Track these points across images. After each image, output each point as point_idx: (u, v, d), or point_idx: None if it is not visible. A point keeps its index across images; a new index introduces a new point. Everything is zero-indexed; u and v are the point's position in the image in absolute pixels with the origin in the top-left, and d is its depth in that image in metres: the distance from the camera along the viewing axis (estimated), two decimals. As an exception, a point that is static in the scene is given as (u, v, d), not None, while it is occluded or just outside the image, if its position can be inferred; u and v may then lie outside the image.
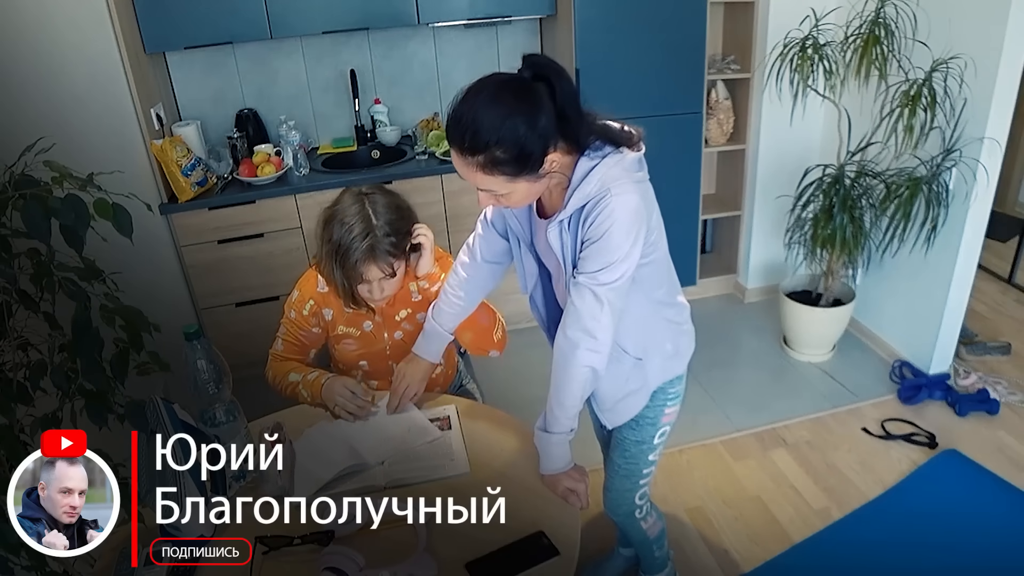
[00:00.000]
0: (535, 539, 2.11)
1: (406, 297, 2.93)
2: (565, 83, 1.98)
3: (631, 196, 2.07)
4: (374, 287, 2.68)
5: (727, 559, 3.61)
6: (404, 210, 2.70)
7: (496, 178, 2.02)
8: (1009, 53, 3.80)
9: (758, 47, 5.00)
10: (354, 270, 2.60)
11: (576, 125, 2.03)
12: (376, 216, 2.58)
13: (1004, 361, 4.93)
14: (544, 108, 1.95)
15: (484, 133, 1.93)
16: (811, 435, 4.40)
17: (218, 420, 2.31)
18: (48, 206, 1.75)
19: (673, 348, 2.52)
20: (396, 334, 2.97)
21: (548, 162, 2.02)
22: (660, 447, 2.72)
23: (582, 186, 2.07)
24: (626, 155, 2.11)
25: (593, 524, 3.75)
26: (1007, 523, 3.65)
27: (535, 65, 1.98)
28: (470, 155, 1.98)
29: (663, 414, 2.62)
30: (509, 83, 1.98)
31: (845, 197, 4.41)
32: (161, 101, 4.79)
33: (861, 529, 3.72)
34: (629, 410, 2.55)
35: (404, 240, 2.65)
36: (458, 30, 5.31)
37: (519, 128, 1.93)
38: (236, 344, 4.92)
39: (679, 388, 2.63)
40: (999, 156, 4.06)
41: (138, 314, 1.92)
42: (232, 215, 4.73)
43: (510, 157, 1.96)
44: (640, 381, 2.49)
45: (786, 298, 5.00)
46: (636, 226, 2.09)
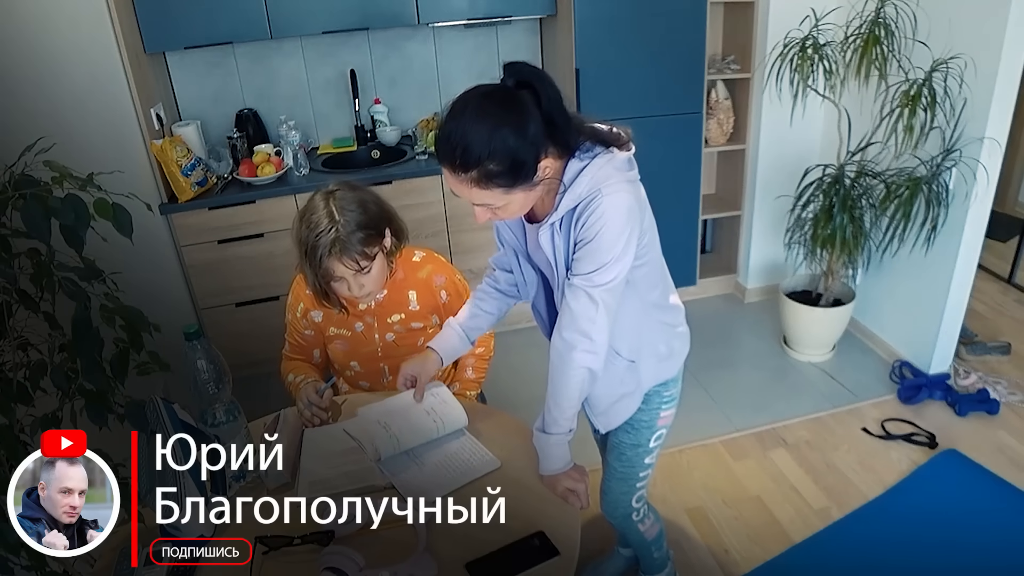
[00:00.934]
0: (535, 539, 2.11)
1: (403, 302, 2.94)
2: (549, 88, 1.96)
3: (623, 196, 2.05)
4: (351, 283, 2.67)
5: (727, 559, 3.61)
6: (371, 204, 2.67)
7: (492, 192, 1.99)
8: (1009, 53, 3.80)
9: (758, 47, 5.00)
10: (321, 267, 2.60)
11: (564, 129, 2.02)
12: (340, 212, 2.57)
13: (1004, 361, 4.93)
14: (531, 116, 1.94)
15: (475, 148, 1.90)
16: (811, 435, 4.40)
17: (218, 420, 2.31)
18: (48, 206, 1.75)
19: (667, 350, 2.52)
20: (388, 336, 2.97)
21: (542, 169, 2.00)
22: (656, 451, 2.72)
23: (573, 187, 2.05)
24: (616, 155, 2.09)
25: (593, 524, 3.74)
26: (1007, 523, 3.66)
27: (518, 73, 1.96)
28: (463, 172, 1.95)
29: (658, 418, 2.62)
30: (493, 94, 1.95)
31: (845, 197, 4.41)
32: (161, 101, 4.80)
33: (861, 529, 3.72)
34: (623, 413, 2.55)
35: (372, 235, 2.63)
36: (458, 30, 5.31)
37: (509, 139, 1.90)
38: (236, 344, 4.95)
39: (674, 391, 2.63)
40: (999, 156, 4.06)
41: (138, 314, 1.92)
42: (232, 215, 4.74)
43: (504, 169, 1.93)
44: (634, 383, 2.48)
45: (786, 298, 4.99)
46: (629, 226, 2.07)
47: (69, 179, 1.82)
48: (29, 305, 1.89)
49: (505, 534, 2.13)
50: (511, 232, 2.38)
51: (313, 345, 3.06)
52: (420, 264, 2.94)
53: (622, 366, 2.41)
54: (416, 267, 2.94)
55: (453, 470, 2.41)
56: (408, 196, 4.77)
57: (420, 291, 2.94)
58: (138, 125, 4.42)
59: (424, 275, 2.94)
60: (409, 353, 2.90)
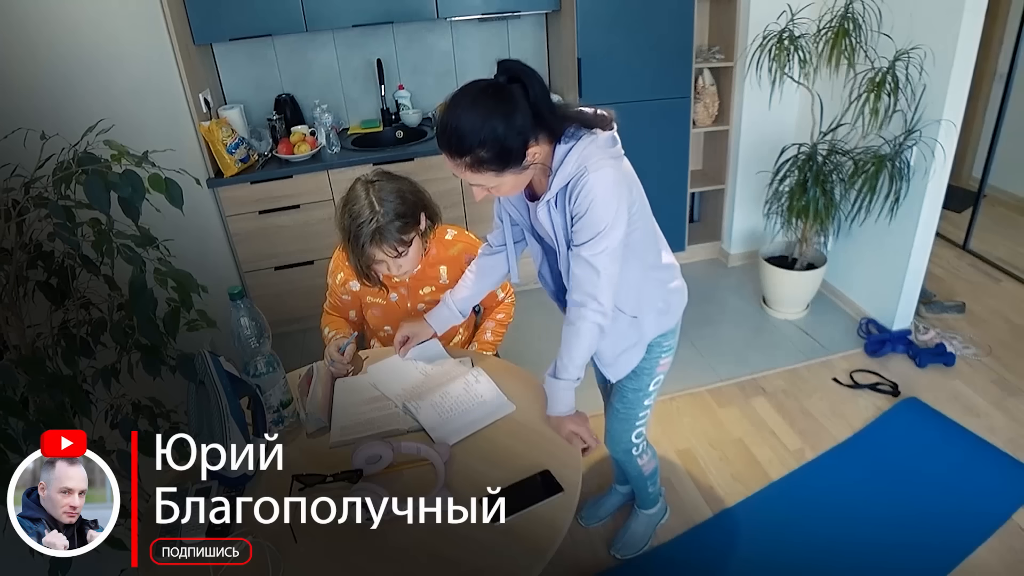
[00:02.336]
0: (541, 477, 2.11)
1: (435, 276, 2.94)
2: (536, 83, 2.00)
3: (607, 171, 2.08)
4: (390, 265, 2.68)
5: (713, 495, 3.61)
6: (408, 194, 2.66)
7: (484, 175, 2.05)
8: (963, 43, 3.78)
9: (740, 39, 4.96)
10: (364, 252, 2.61)
11: (551, 118, 2.05)
12: (380, 203, 2.56)
13: (959, 319, 4.91)
14: (520, 107, 1.98)
15: (467, 137, 1.96)
16: (787, 384, 4.39)
17: (259, 371, 2.31)
18: (108, 180, 1.74)
19: (665, 305, 2.54)
20: (419, 306, 2.97)
21: (531, 155, 2.05)
22: (655, 394, 2.77)
23: (562, 168, 2.10)
24: (599, 135, 2.12)
25: (594, 466, 3.76)
26: (961, 463, 3.66)
27: (509, 70, 2.00)
28: (458, 157, 2.01)
29: (658, 364, 2.67)
30: (487, 89, 1.99)
31: (818, 172, 4.39)
32: (208, 87, 4.79)
33: (832, 468, 3.72)
34: (629, 363, 2.59)
35: (409, 223, 2.63)
36: (473, 23, 5.29)
37: (498, 128, 1.96)
38: (275, 303, 4.97)
39: (672, 342, 2.66)
40: (955, 136, 4.04)
41: (188, 277, 1.91)
42: (271, 188, 4.73)
43: (493, 155, 1.99)
44: (636, 336, 2.52)
45: (765, 262, 4.98)
46: (616, 197, 2.10)
47: (126, 156, 1.81)
48: (91, 269, 1.89)
49: (514, 473, 2.13)
50: (516, 210, 2.43)
51: (349, 307, 3.06)
52: (452, 242, 2.94)
53: (625, 322, 2.45)
54: (448, 245, 2.93)
55: (471, 413, 2.41)
56: (428, 172, 4.75)
57: (451, 267, 2.93)
58: (188, 108, 4.42)
59: (455, 252, 2.93)
60: None
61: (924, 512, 3.41)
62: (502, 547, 1.89)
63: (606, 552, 3.35)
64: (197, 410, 2.12)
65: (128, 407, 2.03)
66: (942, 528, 3.32)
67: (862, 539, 3.30)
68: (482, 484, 2.07)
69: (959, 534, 3.28)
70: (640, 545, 3.34)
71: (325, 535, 1.95)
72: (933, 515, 3.39)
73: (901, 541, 3.27)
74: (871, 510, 3.44)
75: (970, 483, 3.54)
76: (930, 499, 3.47)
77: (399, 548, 1.91)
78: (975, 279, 5.40)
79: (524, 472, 2.14)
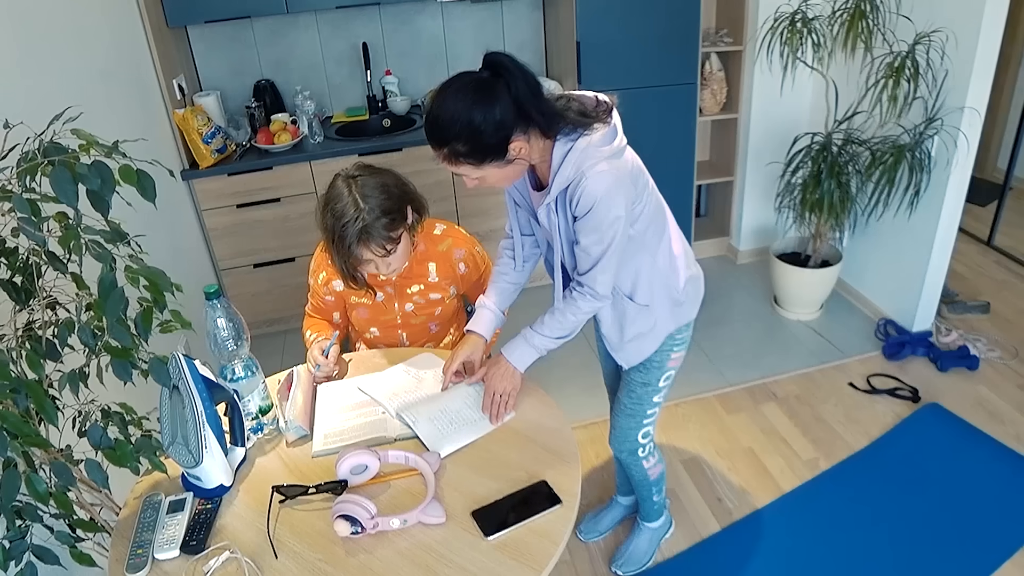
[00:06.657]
0: (538, 489, 2.11)
1: (423, 273, 2.93)
2: (519, 79, 2.05)
3: (604, 173, 2.15)
4: (378, 264, 2.67)
5: (720, 507, 3.62)
6: (392, 187, 2.64)
7: (463, 166, 2.16)
8: (988, 25, 3.77)
9: (750, 21, 4.97)
10: (350, 253, 2.60)
11: (537, 114, 2.11)
12: (364, 200, 2.54)
13: (983, 319, 4.92)
14: (500, 101, 2.05)
15: (444, 129, 2.08)
16: (800, 390, 4.40)
17: (237, 375, 2.31)
18: (75, 172, 1.74)
19: (680, 295, 2.62)
20: (407, 306, 2.97)
21: (514, 149, 2.13)
22: (665, 391, 2.82)
23: (560, 171, 2.18)
24: (594, 135, 2.18)
25: (593, 477, 3.76)
26: (985, 473, 3.66)
27: (492, 64, 2.07)
28: (438, 148, 2.12)
29: (669, 358, 2.72)
30: (470, 82, 2.07)
31: (832, 164, 4.39)
32: (183, 72, 4.79)
33: (848, 479, 3.72)
34: (639, 352, 2.67)
35: (396, 219, 2.62)
36: (465, 5, 5.29)
37: (475, 122, 2.04)
38: (254, 303, 4.97)
39: (686, 335, 2.73)
40: (979, 124, 4.04)
41: (161, 275, 1.91)
42: (250, 181, 4.74)
43: (469, 148, 2.09)
44: (648, 324, 2.60)
45: (776, 259, 4.98)
46: (614, 199, 2.17)
47: (95, 146, 1.81)
48: (58, 266, 1.88)
49: (509, 483, 2.14)
50: (522, 196, 2.52)
51: (333, 309, 3.06)
52: (441, 237, 2.94)
53: (632, 308, 2.55)
54: (437, 240, 2.94)
55: (465, 424, 2.41)
56: (417, 163, 4.76)
57: (440, 263, 2.93)
58: (161, 95, 4.42)
59: (444, 248, 2.94)
60: (426, 322, 3.03)
61: (946, 526, 3.41)
62: (495, 563, 1.88)
63: (606, 569, 3.35)
64: (171, 417, 2.12)
65: (97, 413, 2.03)
66: (965, 543, 3.32)
67: (880, 555, 3.30)
68: (475, 495, 2.07)
69: (983, 549, 3.29)
70: (643, 561, 3.34)
71: (307, 550, 1.95)
72: (955, 529, 3.39)
73: (922, 557, 3.27)
74: (889, 524, 3.44)
75: (995, 494, 3.54)
76: (952, 512, 3.47)
77: (387, 564, 1.91)
78: (1000, 277, 5.41)
79: (519, 483, 2.14)
